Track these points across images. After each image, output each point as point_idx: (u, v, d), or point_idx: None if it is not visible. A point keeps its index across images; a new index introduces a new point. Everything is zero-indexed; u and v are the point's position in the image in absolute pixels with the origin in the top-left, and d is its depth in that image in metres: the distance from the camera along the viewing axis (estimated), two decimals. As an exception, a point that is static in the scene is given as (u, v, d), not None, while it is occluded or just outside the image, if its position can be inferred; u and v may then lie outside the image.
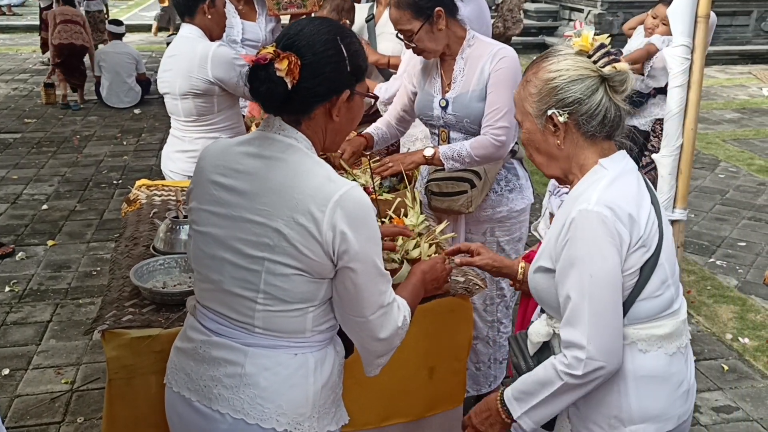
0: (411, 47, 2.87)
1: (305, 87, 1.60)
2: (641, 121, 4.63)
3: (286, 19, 4.79)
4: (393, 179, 3.06)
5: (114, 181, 6.60)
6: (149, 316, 2.23)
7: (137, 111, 9.12)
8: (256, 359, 1.66)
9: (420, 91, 3.06)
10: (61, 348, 3.90)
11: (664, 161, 3.24)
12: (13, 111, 8.99)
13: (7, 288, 4.55)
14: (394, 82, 3.39)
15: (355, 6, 4.17)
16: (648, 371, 1.73)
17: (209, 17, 3.31)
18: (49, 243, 5.22)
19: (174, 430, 1.82)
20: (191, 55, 3.25)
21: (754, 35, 12.82)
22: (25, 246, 5.18)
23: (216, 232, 1.68)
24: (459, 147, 2.88)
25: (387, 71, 4.02)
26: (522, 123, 1.78)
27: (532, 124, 1.75)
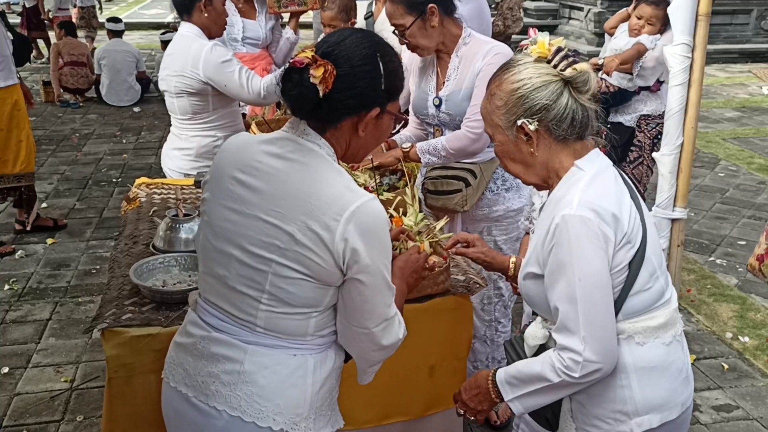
0: (405, 43, 2.86)
1: (336, 98, 1.59)
2: (626, 118, 4.68)
3: (286, 17, 4.78)
4: (393, 177, 3.06)
5: (113, 180, 6.60)
6: (149, 314, 2.23)
7: (137, 109, 9.11)
8: (255, 357, 1.66)
9: (417, 90, 3.06)
10: (61, 346, 3.90)
11: (664, 160, 3.24)
12: (13, 109, 8.98)
13: (7, 286, 4.55)
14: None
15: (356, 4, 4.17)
16: (648, 362, 1.76)
17: (206, 15, 3.32)
18: (49, 241, 5.21)
19: (170, 425, 1.81)
20: (185, 55, 3.27)
21: (754, 34, 12.83)
22: (25, 244, 5.18)
23: (227, 226, 1.66)
24: (435, 141, 2.90)
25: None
26: (493, 136, 1.80)
27: (503, 135, 1.77)
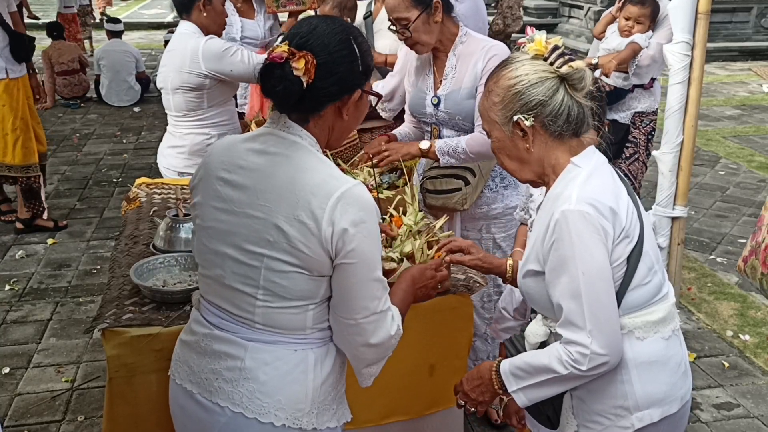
0: (404, 38, 2.85)
1: (318, 87, 1.61)
2: (621, 115, 4.73)
3: (284, 17, 4.78)
4: (392, 175, 3.05)
5: (114, 180, 6.60)
6: (149, 314, 2.23)
7: (137, 109, 9.11)
8: (256, 354, 1.67)
9: (413, 89, 3.06)
10: (62, 346, 3.90)
11: (664, 158, 3.23)
12: (13, 109, 8.97)
13: (7, 286, 4.55)
14: (390, 79, 3.39)
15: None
16: (648, 357, 1.77)
17: (205, 15, 3.34)
18: (49, 241, 5.21)
19: (176, 421, 1.84)
20: (183, 52, 3.30)
21: (754, 32, 12.81)
22: (25, 244, 5.18)
23: (219, 227, 1.69)
24: (455, 142, 2.87)
25: (384, 69, 4.00)
26: (490, 132, 1.82)
27: (499, 132, 1.79)
